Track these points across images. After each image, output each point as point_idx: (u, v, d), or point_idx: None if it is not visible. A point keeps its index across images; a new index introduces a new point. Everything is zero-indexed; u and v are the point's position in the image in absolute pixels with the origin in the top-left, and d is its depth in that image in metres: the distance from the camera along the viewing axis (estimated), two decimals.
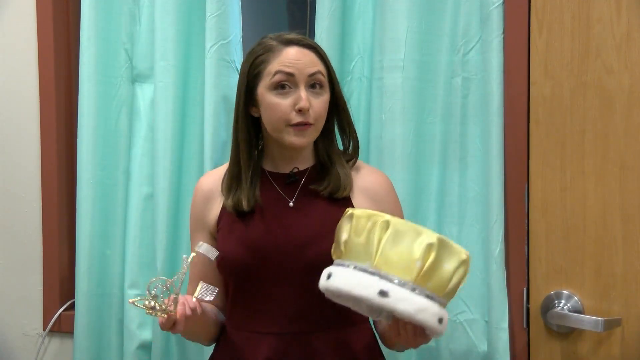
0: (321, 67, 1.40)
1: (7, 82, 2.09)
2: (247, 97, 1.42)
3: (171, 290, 1.27)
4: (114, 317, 1.98)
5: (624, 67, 1.52)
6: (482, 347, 1.70)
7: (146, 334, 1.92)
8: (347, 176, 1.44)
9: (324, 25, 1.75)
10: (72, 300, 2.04)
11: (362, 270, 1.17)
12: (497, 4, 1.64)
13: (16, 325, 2.12)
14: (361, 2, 1.79)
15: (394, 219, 1.19)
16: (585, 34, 1.56)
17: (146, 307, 1.25)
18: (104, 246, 1.97)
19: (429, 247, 1.16)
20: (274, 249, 1.38)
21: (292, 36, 1.40)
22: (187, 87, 1.90)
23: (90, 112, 1.93)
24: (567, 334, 1.60)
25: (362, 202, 1.43)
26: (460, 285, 1.21)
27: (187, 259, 1.30)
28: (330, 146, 1.47)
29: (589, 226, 1.57)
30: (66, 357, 2.08)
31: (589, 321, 1.51)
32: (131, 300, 1.28)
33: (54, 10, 2.03)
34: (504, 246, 1.65)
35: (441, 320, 1.17)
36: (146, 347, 1.92)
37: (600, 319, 1.50)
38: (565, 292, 1.59)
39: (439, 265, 1.16)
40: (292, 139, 1.38)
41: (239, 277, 1.40)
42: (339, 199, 1.42)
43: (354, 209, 1.23)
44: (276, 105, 1.37)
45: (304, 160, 1.47)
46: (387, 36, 1.72)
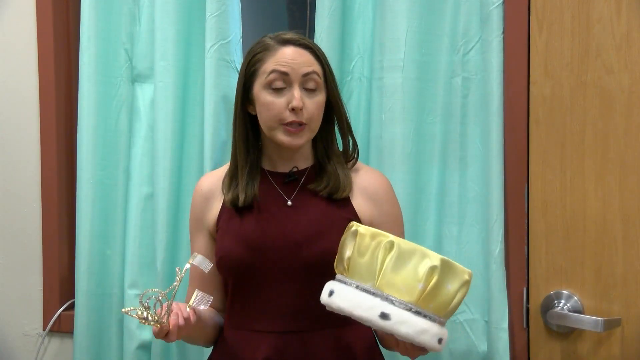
0: (317, 68, 1.40)
1: (7, 82, 2.09)
2: (244, 95, 1.43)
3: (163, 301, 1.28)
4: (114, 317, 1.98)
5: (624, 67, 1.52)
6: (482, 347, 1.70)
7: (146, 334, 1.92)
8: (347, 177, 1.44)
9: (323, 25, 1.75)
10: (72, 300, 2.04)
11: (365, 290, 1.18)
12: (497, 4, 1.64)
13: (16, 325, 2.12)
14: (361, 2, 1.79)
15: (398, 239, 1.20)
16: (585, 34, 1.56)
17: (139, 317, 1.27)
18: (104, 246, 1.97)
19: (432, 269, 1.17)
20: (272, 246, 1.38)
21: (290, 36, 1.41)
22: (187, 87, 1.90)
23: (90, 112, 1.93)
24: (567, 334, 1.60)
25: (361, 203, 1.44)
26: (459, 303, 1.22)
27: (181, 271, 1.30)
28: (329, 147, 1.47)
29: (589, 226, 1.57)
30: (66, 357, 2.08)
31: (589, 321, 1.51)
32: (124, 310, 1.29)
33: (54, 10, 2.03)
34: (503, 246, 1.65)
35: (441, 340, 1.19)
36: (146, 347, 1.92)
37: (600, 319, 1.50)
38: (565, 292, 1.59)
39: (441, 286, 1.18)
40: (285, 139, 1.39)
41: (238, 275, 1.40)
42: (338, 199, 1.42)
43: (359, 225, 1.24)
44: (270, 103, 1.38)
45: (303, 159, 1.47)
46: (387, 36, 1.72)
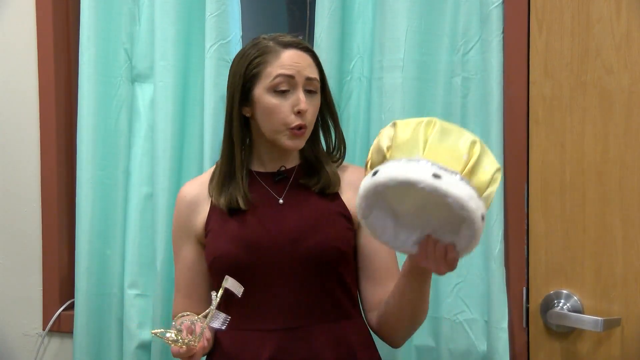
0: (317, 74, 1.44)
1: (7, 82, 2.09)
2: (242, 98, 1.44)
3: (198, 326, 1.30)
4: (114, 317, 1.98)
5: (624, 66, 1.52)
6: (482, 347, 1.70)
7: (146, 334, 1.92)
8: (335, 174, 1.48)
9: (323, 25, 1.75)
10: (72, 300, 2.04)
11: (412, 160, 1.14)
12: (496, 4, 1.64)
13: (16, 325, 2.12)
14: (361, 2, 1.79)
15: (437, 118, 1.19)
16: (585, 34, 1.56)
17: (168, 339, 1.29)
18: (104, 246, 1.97)
19: (473, 143, 1.17)
20: (268, 244, 1.39)
21: (289, 39, 1.43)
22: (186, 87, 1.90)
23: (90, 112, 1.93)
24: (566, 333, 1.60)
25: (350, 197, 1.46)
26: (492, 195, 1.19)
27: (217, 297, 1.30)
28: (317, 146, 1.51)
29: (589, 226, 1.57)
30: (66, 357, 2.08)
31: (589, 321, 1.51)
32: (154, 331, 1.31)
33: (54, 10, 2.03)
34: (503, 246, 1.65)
35: (483, 217, 1.15)
36: (146, 346, 1.92)
37: (600, 318, 1.50)
38: (564, 291, 1.59)
39: (481, 163, 1.17)
40: (288, 142, 1.42)
41: (234, 276, 1.40)
42: (328, 194, 1.45)
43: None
44: (275, 106, 1.40)
45: (291, 159, 1.50)
46: (387, 36, 1.72)
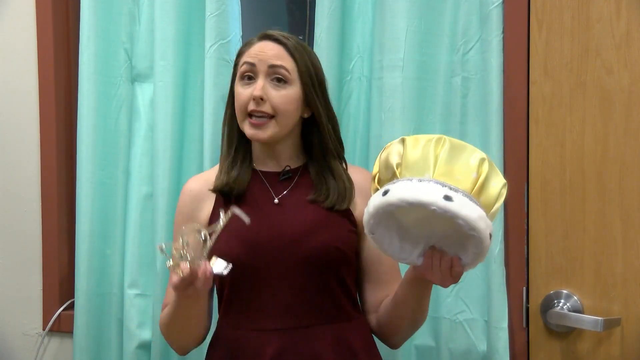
0: (287, 63, 1.40)
1: (7, 82, 2.09)
2: (231, 91, 1.47)
3: (205, 241, 1.26)
4: (114, 317, 1.98)
5: (624, 66, 1.52)
6: (482, 346, 1.70)
7: (146, 334, 1.92)
8: (348, 189, 1.44)
9: (323, 24, 1.75)
10: (72, 299, 2.04)
11: (422, 181, 1.16)
12: (496, 4, 1.64)
13: (16, 325, 2.12)
14: (361, 2, 1.79)
15: (446, 136, 1.21)
16: (584, 34, 1.56)
17: (175, 255, 1.23)
18: (104, 246, 1.97)
19: (482, 160, 1.18)
20: (269, 244, 1.38)
21: (270, 32, 1.43)
22: (186, 87, 1.90)
23: (89, 112, 1.93)
24: (566, 333, 1.60)
25: (356, 201, 1.44)
26: (498, 210, 1.22)
27: (226, 216, 1.28)
28: (325, 148, 1.46)
29: (589, 226, 1.57)
30: (66, 357, 2.08)
31: (589, 321, 1.52)
32: (160, 245, 1.26)
33: (54, 10, 2.03)
34: (503, 246, 1.65)
35: (491, 235, 1.17)
36: (146, 346, 1.92)
37: (599, 318, 1.50)
38: (564, 291, 1.59)
39: (489, 180, 1.19)
40: (249, 131, 1.41)
41: (236, 275, 1.39)
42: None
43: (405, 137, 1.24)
44: (238, 94, 1.41)
45: (292, 159, 1.48)
46: (387, 36, 1.72)
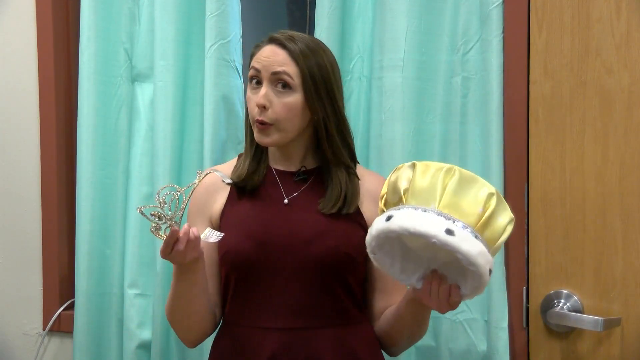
0: (290, 68, 1.38)
1: (7, 82, 2.09)
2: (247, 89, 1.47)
3: (180, 200, 1.27)
4: (114, 317, 1.98)
5: (624, 66, 1.52)
6: (482, 346, 1.70)
7: (146, 334, 1.92)
8: (354, 195, 1.43)
9: (323, 24, 1.75)
10: (72, 299, 2.04)
11: (427, 211, 1.17)
12: (496, 4, 1.64)
13: (16, 324, 2.12)
14: (361, 2, 1.79)
15: (457, 167, 1.21)
16: (585, 33, 1.56)
17: (154, 215, 1.24)
18: (104, 246, 1.97)
19: (490, 196, 1.18)
20: (277, 243, 1.39)
21: (278, 35, 1.42)
22: (186, 87, 1.90)
23: (90, 112, 1.93)
24: (566, 333, 1.60)
25: (369, 207, 1.44)
26: (502, 244, 1.22)
27: (202, 173, 1.32)
28: (336, 152, 1.44)
29: (589, 226, 1.57)
30: (66, 357, 2.08)
31: (589, 321, 1.51)
32: (139, 208, 1.27)
33: (54, 10, 2.03)
34: (503, 246, 1.64)
35: (491, 270, 1.18)
36: (146, 346, 1.92)
37: (599, 318, 1.50)
38: (564, 291, 1.59)
39: (495, 215, 1.19)
40: (256, 135, 1.42)
41: (242, 271, 1.41)
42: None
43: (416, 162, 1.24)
44: (248, 99, 1.43)
45: (304, 159, 1.47)
46: (387, 36, 1.72)
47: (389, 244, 1.24)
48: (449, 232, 1.13)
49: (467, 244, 1.14)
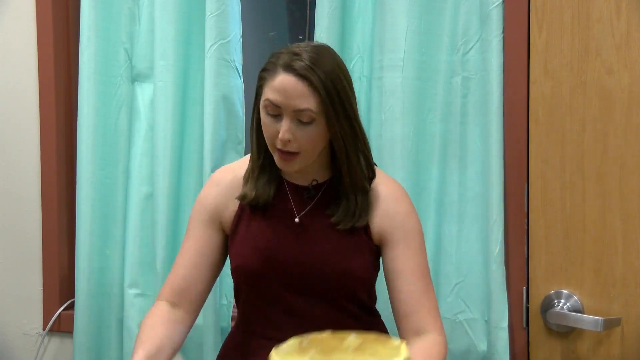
0: (311, 103, 1.30)
1: (7, 82, 2.09)
2: (256, 101, 1.39)
3: None
4: (114, 317, 1.98)
5: (624, 66, 1.52)
6: (482, 346, 1.70)
7: None
8: (364, 210, 1.40)
9: (323, 24, 1.75)
10: (72, 299, 2.04)
11: None
12: (496, 4, 1.64)
13: (16, 324, 2.12)
14: (361, 2, 1.79)
15: None
16: (585, 33, 1.56)
17: None
18: (104, 246, 1.97)
19: None
20: (286, 263, 1.38)
21: (294, 63, 1.31)
22: (186, 87, 1.90)
23: (90, 112, 1.93)
24: (566, 333, 1.60)
25: (377, 221, 1.40)
26: None
27: None
28: (351, 166, 1.38)
29: (589, 226, 1.57)
30: (66, 357, 2.08)
31: (589, 321, 1.51)
32: None
33: (54, 10, 2.03)
34: (503, 245, 1.65)
35: None
36: None
37: (599, 318, 1.50)
38: (564, 291, 1.59)
39: None
40: (279, 163, 1.36)
41: (252, 285, 1.41)
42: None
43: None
44: (266, 125, 1.34)
45: (321, 171, 1.43)
46: (387, 36, 1.72)
47: None
48: None
49: None
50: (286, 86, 1.30)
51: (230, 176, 1.47)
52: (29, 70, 2.06)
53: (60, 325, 2.07)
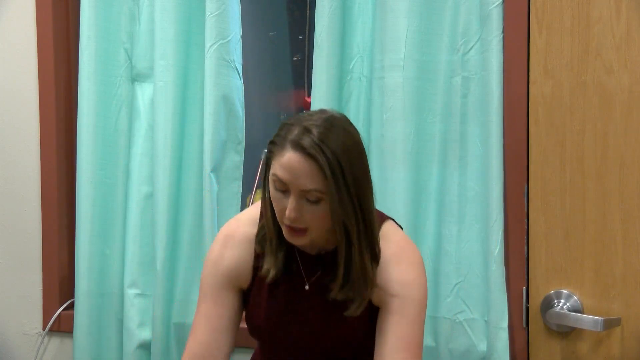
0: (319, 184, 1.26)
1: (7, 82, 2.09)
2: (266, 174, 1.35)
3: None
4: (114, 317, 1.98)
5: (624, 66, 1.52)
6: (482, 346, 1.70)
7: (146, 334, 1.92)
8: (365, 298, 1.36)
9: (323, 24, 1.75)
10: (72, 299, 2.04)
11: None
12: (496, 4, 1.64)
13: (16, 324, 2.12)
14: (361, 2, 1.79)
15: None
16: (585, 34, 1.56)
17: None
18: (104, 246, 1.97)
19: None
20: (291, 331, 1.41)
21: (303, 138, 1.26)
22: (186, 87, 1.90)
23: (89, 112, 1.93)
24: (566, 333, 1.60)
25: (382, 297, 1.37)
26: None
27: None
28: (359, 244, 1.34)
29: (589, 226, 1.57)
30: (66, 357, 2.08)
31: (589, 321, 1.51)
32: None
33: (54, 10, 2.03)
34: (503, 246, 1.65)
35: None
36: (146, 346, 1.92)
37: (599, 318, 1.50)
38: (564, 291, 1.59)
39: None
40: (288, 237, 1.34)
41: (264, 342, 1.48)
42: None
43: None
44: (274, 199, 1.32)
45: (326, 242, 1.40)
46: (387, 35, 1.72)
47: None
48: None
49: None
50: (293, 164, 1.26)
51: (239, 232, 1.45)
52: (29, 70, 2.06)
53: (60, 325, 2.07)
